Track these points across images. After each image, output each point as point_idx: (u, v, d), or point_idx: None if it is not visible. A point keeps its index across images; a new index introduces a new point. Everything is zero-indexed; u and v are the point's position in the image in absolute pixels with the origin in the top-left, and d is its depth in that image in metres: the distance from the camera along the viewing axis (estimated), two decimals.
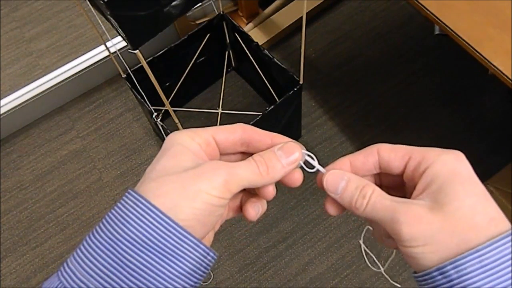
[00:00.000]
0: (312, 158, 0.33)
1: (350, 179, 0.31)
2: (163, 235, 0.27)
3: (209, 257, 0.29)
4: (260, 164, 0.31)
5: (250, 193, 0.35)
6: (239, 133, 0.33)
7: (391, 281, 1.18)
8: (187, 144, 0.31)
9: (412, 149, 0.31)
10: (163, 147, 0.31)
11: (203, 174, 0.28)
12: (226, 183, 0.29)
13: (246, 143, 0.33)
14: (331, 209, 0.33)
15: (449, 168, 0.28)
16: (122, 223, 0.27)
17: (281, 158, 0.31)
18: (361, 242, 1.23)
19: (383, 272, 1.19)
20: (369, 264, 1.21)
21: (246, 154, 0.34)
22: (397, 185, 0.33)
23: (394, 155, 0.31)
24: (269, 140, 0.33)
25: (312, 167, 0.33)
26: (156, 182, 0.29)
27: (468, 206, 0.27)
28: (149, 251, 0.27)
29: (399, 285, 1.18)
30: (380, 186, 0.34)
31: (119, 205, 0.28)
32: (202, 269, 0.29)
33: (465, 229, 0.26)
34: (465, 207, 0.27)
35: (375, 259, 1.21)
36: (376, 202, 0.29)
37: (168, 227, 0.27)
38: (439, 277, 0.26)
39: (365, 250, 1.22)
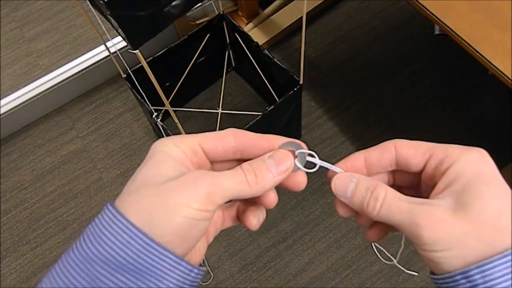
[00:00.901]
0: (313, 157, 0.31)
1: (359, 180, 0.29)
2: (140, 254, 0.25)
3: (193, 274, 0.27)
4: (248, 173, 0.28)
5: (247, 200, 0.33)
6: (230, 140, 0.30)
7: (407, 271, 1.17)
8: (170, 151, 0.29)
9: (433, 146, 0.29)
10: (147, 155, 0.29)
11: (184, 186, 0.27)
12: (209, 195, 0.27)
13: (240, 150, 0.30)
14: (342, 211, 0.31)
15: (473, 167, 0.27)
16: (98, 242, 0.26)
17: (271, 167, 0.29)
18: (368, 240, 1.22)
19: (396, 264, 1.18)
20: (380, 257, 1.20)
21: (243, 161, 0.32)
22: (412, 183, 0.32)
23: (413, 152, 0.29)
24: (265, 144, 0.30)
25: (315, 165, 0.31)
26: (134, 195, 0.27)
27: (494, 208, 0.25)
28: (126, 271, 0.25)
29: (416, 273, 1.17)
30: (393, 184, 0.32)
31: (96, 220, 0.27)
32: (187, 286, 0.27)
33: (491, 232, 0.25)
34: (491, 209, 0.25)
35: (385, 251, 1.21)
36: (391, 204, 0.27)
37: (145, 246, 0.25)
38: (463, 281, 0.25)
39: (374, 244, 1.21)
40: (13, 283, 1.26)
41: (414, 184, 0.31)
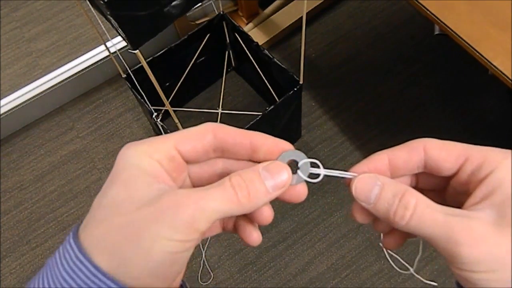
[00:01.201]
0: (318, 167, 0.27)
1: (384, 184, 0.25)
2: None
3: None
4: (239, 190, 0.24)
5: None
6: (209, 138, 0.26)
7: (425, 281, 1.15)
8: (143, 164, 0.24)
9: (469, 148, 0.26)
10: (114, 168, 0.25)
11: (161, 214, 0.22)
12: (193, 222, 0.22)
13: (220, 149, 0.27)
14: (361, 217, 0.27)
15: None
16: (59, 281, 0.22)
17: (266, 180, 0.25)
18: (381, 244, 1.17)
19: (413, 272, 1.15)
20: (393, 264, 1.19)
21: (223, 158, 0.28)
22: (437, 187, 0.28)
23: (446, 154, 0.26)
24: (247, 142, 0.26)
25: (317, 175, 0.28)
26: (102, 228, 0.22)
27: None
28: None
29: (435, 283, 1.15)
30: (415, 187, 0.28)
31: (57, 256, 0.23)
32: None
33: None
34: None
35: (400, 259, 1.20)
36: (424, 215, 0.24)
37: None
38: None
39: (387, 252, 1.18)
40: (13, 283, 1.26)
41: (439, 187, 0.28)
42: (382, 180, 0.26)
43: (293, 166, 0.27)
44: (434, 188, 0.29)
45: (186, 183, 0.28)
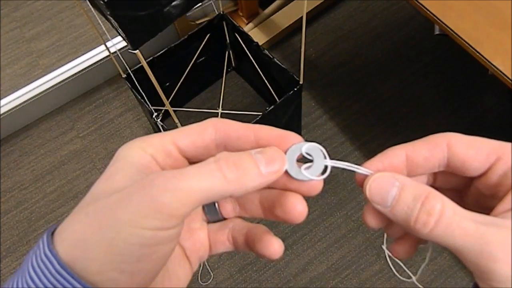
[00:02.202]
0: (324, 155, 0.25)
1: (403, 185, 0.22)
2: None
3: None
4: (225, 165, 0.21)
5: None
6: (210, 132, 0.24)
7: None
8: (134, 158, 0.22)
9: (500, 145, 0.23)
10: (109, 164, 0.23)
11: (129, 198, 0.19)
12: (167, 205, 0.19)
13: (223, 144, 0.24)
14: (374, 221, 0.24)
15: None
16: (25, 279, 0.20)
17: (260, 162, 0.22)
18: (384, 247, 1.15)
19: (415, 281, 1.11)
20: (396, 273, 1.17)
21: None
22: (457, 186, 0.26)
23: (474, 152, 0.23)
24: (251, 135, 0.24)
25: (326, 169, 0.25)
26: (70, 220, 0.21)
27: None
28: None
29: None
30: (432, 186, 0.25)
31: (30, 253, 0.21)
32: None
33: None
34: None
35: (405, 268, 1.18)
36: (452, 223, 0.20)
37: None
38: None
39: (389, 256, 1.15)
40: None
41: (460, 187, 0.25)
42: (401, 180, 0.22)
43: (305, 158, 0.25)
44: (453, 187, 0.26)
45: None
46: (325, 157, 0.25)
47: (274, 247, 0.24)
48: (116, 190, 0.20)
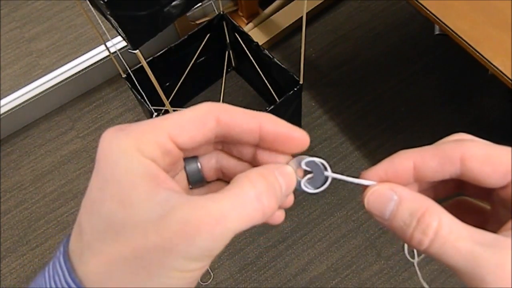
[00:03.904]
0: (325, 167, 0.25)
1: (401, 199, 0.21)
2: None
3: None
4: (266, 200, 0.20)
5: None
6: (211, 125, 0.21)
7: (422, 281, 1.08)
8: (135, 167, 0.19)
9: None
10: (98, 168, 0.20)
11: (175, 242, 0.18)
12: (212, 249, 0.19)
13: (222, 136, 0.22)
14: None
15: None
16: None
17: (282, 186, 0.22)
18: (405, 250, 1.11)
19: (416, 266, 1.09)
20: (407, 253, 1.19)
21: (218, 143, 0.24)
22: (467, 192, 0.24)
23: (490, 169, 0.21)
24: (256, 129, 0.22)
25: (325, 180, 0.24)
26: (102, 261, 0.19)
27: None
28: None
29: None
30: (450, 185, 0.24)
31: (46, 273, 0.20)
32: None
33: None
34: None
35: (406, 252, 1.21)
36: (447, 243, 0.20)
37: None
38: None
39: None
40: (13, 283, 1.26)
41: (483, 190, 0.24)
42: (400, 193, 0.22)
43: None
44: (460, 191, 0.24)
45: (179, 175, 0.24)
46: (326, 169, 0.25)
47: (276, 215, 0.24)
48: (144, 220, 0.19)
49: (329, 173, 0.24)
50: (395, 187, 0.22)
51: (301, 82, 1.11)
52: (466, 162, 0.21)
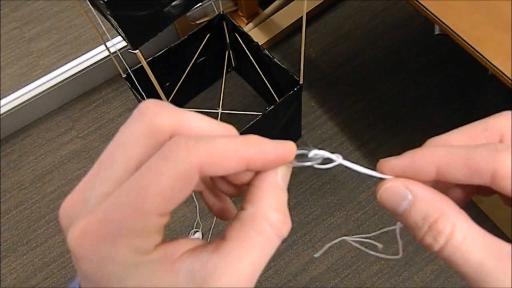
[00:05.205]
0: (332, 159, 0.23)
1: (416, 199, 0.21)
2: None
3: None
4: (284, 226, 0.20)
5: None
6: (193, 184, 0.19)
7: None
8: (137, 282, 0.19)
9: None
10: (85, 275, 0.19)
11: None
12: None
13: (206, 180, 0.23)
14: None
15: None
16: None
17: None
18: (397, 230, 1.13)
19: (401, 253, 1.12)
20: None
21: None
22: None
23: None
24: (243, 166, 0.21)
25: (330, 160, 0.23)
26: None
27: None
28: None
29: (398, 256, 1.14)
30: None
31: None
32: None
33: None
34: None
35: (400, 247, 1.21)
36: (458, 253, 0.19)
37: None
38: None
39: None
40: (13, 283, 1.26)
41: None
42: (415, 192, 0.21)
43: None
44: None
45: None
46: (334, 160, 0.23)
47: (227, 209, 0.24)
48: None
49: (340, 160, 0.23)
50: (411, 184, 0.21)
51: (301, 82, 1.11)
52: (497, 180, 0.20)
